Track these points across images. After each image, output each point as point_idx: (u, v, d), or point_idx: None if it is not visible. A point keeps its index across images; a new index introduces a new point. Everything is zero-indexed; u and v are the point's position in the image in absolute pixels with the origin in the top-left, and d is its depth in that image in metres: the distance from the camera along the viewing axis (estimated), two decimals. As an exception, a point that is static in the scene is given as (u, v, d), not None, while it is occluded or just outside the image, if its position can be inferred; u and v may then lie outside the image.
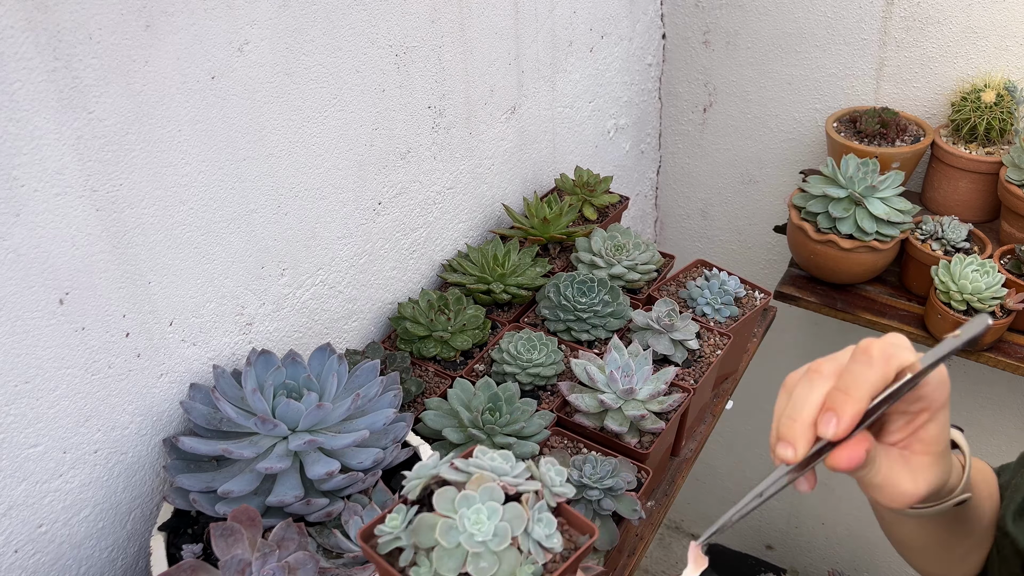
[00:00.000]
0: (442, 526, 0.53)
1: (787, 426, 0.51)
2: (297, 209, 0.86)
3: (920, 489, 0.54)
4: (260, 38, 0.76)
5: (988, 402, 1.72)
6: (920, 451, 0.55)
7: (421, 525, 0.54)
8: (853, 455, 0.50)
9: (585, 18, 1.32)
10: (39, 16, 0.58)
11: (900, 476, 0.54)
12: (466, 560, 0.52)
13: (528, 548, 0.53)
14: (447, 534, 0.52)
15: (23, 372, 0.64)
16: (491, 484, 0.54)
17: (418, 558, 0.53)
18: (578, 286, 1.03)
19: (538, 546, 0.53)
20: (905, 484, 0.54)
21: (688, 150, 1.79)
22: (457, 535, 0.52)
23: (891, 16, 1.44)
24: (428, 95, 1.00)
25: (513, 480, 0.55)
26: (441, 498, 0.54)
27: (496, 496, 0.54)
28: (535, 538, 0.53)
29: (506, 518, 0.53)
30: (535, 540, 0.53)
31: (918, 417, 0.55)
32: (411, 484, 0.56)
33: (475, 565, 0.52)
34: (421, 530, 0.53)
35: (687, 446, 1.05)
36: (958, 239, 1.31)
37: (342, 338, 0.99)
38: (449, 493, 0.54)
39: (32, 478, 0.68)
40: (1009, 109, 1.34)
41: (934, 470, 0.55)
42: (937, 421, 0.55)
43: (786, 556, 2.28)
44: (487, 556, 0.52)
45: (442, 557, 0.52)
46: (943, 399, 0.55)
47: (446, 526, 0.53)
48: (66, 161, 0.62)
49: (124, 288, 0.70)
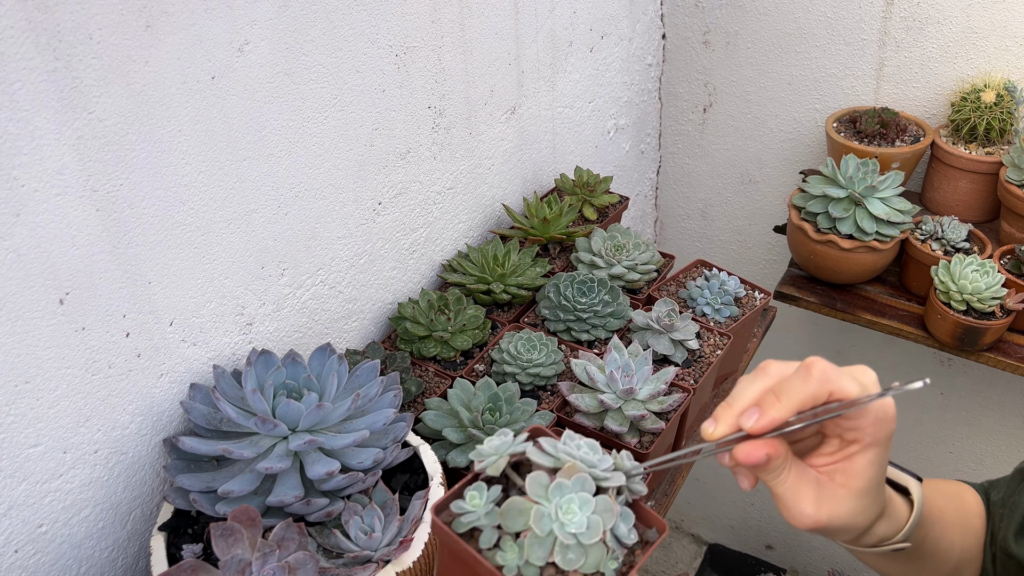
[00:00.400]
0: (536, 512, 0.50)
1: (721, 407, 0.55)
2: (297, 209, 0.86)
3: (820, 516, 0.54)
4: (260, 38, 0.76)
5: (988, 402, 1.72)
6: (839, 482, 0.55)
7: (511, 509, 0.51)
8: (753, 452, 0.53)
9: (585, 18, 1.32)
10: (39, 16, 0.58)
11: (804, 496, 0.54)
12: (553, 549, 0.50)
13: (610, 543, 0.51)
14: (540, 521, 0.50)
15: (23, 372, 0.64)
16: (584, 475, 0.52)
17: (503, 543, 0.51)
18: (578, 286, 1.03)
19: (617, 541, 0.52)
20: (806, 506, 0.54)
21: (688, 150, 1.79)
22: (550, 523, 0.50)
23: (891, 16, 1.44)
24: (428, 95, 1.00)
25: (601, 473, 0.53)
26: (534, 483, 0.51)
27: (588, 487, 0.52)
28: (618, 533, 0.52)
29: (598, 511, 0.51)
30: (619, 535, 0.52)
31: (848, 447, 0.55)
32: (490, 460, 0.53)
33: (563, 556, 0.50)
34: (510, 514, 0.51)
35: (687, 446, 1.05)
36: (958, 239, 1.31)
37: (342, 338, 0.99)
38: (542, 479, 0.52)
39: (32, 478, 0.68)
40: (1009, 109, 1.34)
41: (846, 504, 0.55)
42: (866, 456, 0.54)
43: (786, 556, 2.28)
44: (575, 548, 0.50)
45: (533, 545, 0.50)
46: (880, 437, 0.54)
47: (539, 513, 0.50)
48: (66, 161, 0.62)
49: (124, 288, 0.70)
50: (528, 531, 0.51)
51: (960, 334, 1.25)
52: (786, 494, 0.54)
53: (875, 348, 1.77)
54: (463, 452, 0.85)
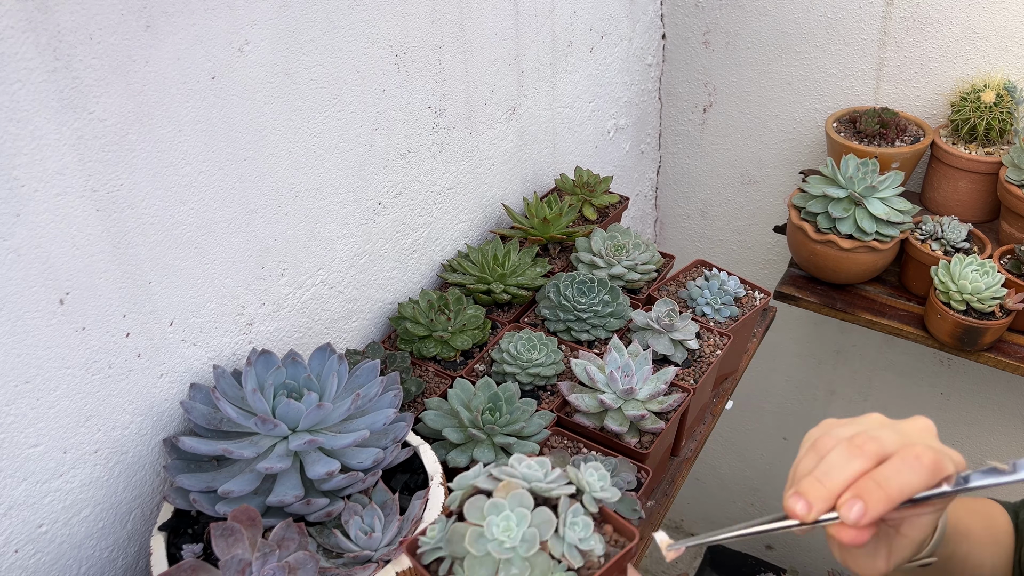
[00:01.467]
0: (471, 534, 0.53)
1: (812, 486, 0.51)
2: (297, 209, 0.86)
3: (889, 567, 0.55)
4: (260, 38, 0.76)
5: (988, 402, 1.72)
6: (904, 532, 0.55)
7: (453, 534, 0.54)
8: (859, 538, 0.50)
9: (585, 18, 1.32)
10: (39, 16, 0.58)
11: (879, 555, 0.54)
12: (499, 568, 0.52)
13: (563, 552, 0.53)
14: (476, 542, 0.53)
15: (23, 372, 0.65)
16: (519, 491, 0.54)
17: (455, 567, 0.54)
18: (578, 286, 1.03)
19: (574, 550, 0.53)
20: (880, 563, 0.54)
21: (688, 150, 1.79)
22: (486, 543, 0.53)
23: (891, 16, 1.44)
24: (428, 95, 1.00)
25: (545, 485, 0.55)
26: (471, 507, 0.54)
27: (525, 502, 0.54)
28: (569, 542, 0.53)
29: (534, 523, 0.53)
30: (569, 544, 0.53)
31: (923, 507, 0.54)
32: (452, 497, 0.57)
33: (507, 572, 0.52)
34: (454, 539, 0.54)
35: (687, 446, 1.05)
36: (958, 239, 1.31)
37: (342, 338, 0.99)
38: (479, 502, 0.55)
39: (32, 478, 0.68)
40: (1009, 109, 1.34)
41: (907, 552, 0.55)
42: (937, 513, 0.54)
43: (786, 556, 2.28)
44: (518, 562, 0.52)
45: (473, 565, 0.53)
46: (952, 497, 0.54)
47: (475, 534, 0.53)
48: (66, 161, 0.62)
49: (124, 288, 0.70)
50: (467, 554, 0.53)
51: (960, 334, 1.25)
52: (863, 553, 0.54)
53: (875, 348, 1.78)
54: (463, 452, 0.85)
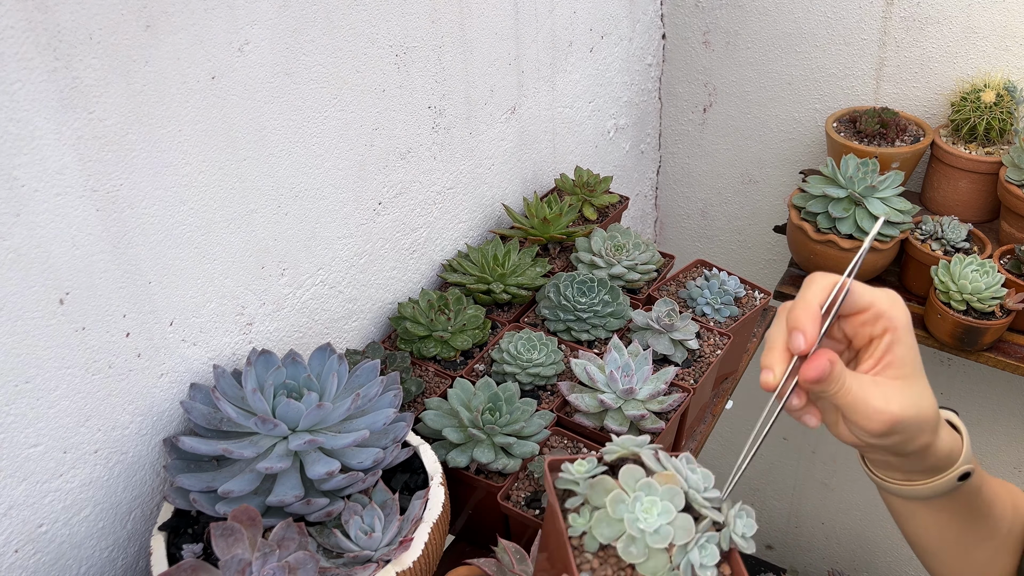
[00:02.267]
0: (615, 496, 0.54)
1: (765, 355, 0.58)
2: (297, 209, 0.86)
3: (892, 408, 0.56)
4: (260, 38, 0.76)
5: (988, 402, 1.72)
6: (892, 375, 0.58)
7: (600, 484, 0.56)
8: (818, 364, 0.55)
9: (585, 18, 1.32)
10: (39, 16, 0.58)
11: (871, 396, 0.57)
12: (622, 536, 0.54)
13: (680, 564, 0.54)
14: (616, 505, 0.54)
15: (23, 372, 0.64)
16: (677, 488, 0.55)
17: (583, 509, 0.56)
18: (578, 286, 1.03)
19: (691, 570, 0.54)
20: (876, 401, 0.56)
21: (688, 150, 1.79)
22: (624, 510, 0.54)
23: (891, 16, 1.44)
24: (428, 95, 1.00)
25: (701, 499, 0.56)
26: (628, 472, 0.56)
27: (677, 501, 0.55)
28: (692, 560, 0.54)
29: (675, 524, 0.54)
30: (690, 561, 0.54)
31: (882, 339, 0.58)
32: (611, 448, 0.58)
33: (625, 546, 0.53)
34: (597, 488, 0.55)
35: (687, 446, 1.05)
36: (958, 239, 1.31)
37: (342, 338, 0.99)
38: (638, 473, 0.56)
39: (32, 478, 0.68)
40: (1009, 109, 1.34)
41: (907, 392, 0.58)
42: (903, 343, 0.58)
43: (786, 556, 2.28)
44: (639, 544, 0.53)
45: (601, 521, 0.54)
46: (902, 317, 0.58)
47: (618, 497, 0.54)
48: (66, 161, 0.62)
49: (124, 288, 0.70)
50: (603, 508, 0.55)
51: (960, 334, 1.25)
52: (855, 400, 0.57)
53: (875, 348, 1.77)
54: (463, 452, 0.85)
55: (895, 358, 0.58)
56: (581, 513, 0.56)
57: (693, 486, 0.56)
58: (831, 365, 0.55)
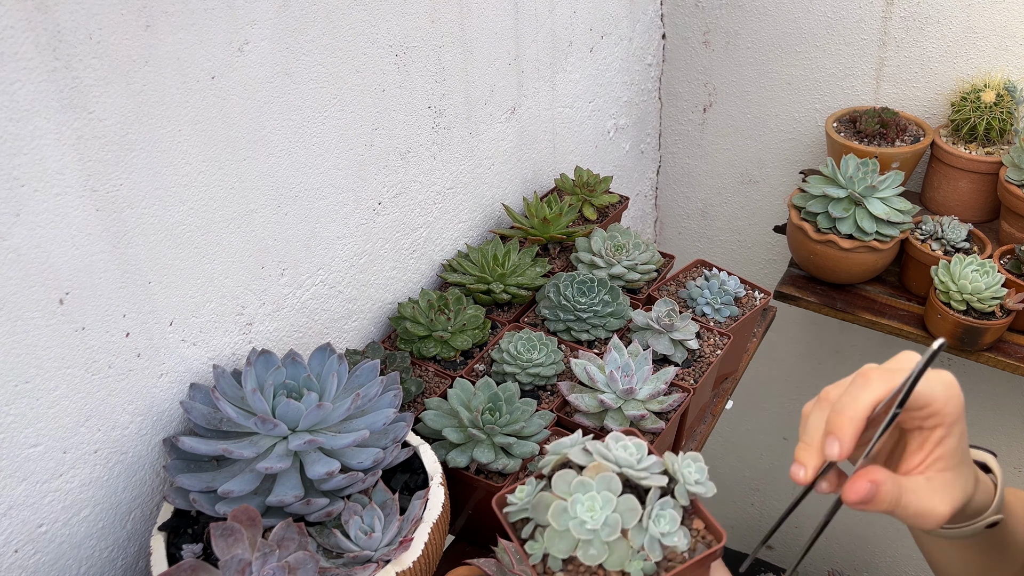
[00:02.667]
0: (555, 508, 0.53)
1: (800, 450, 0.56)
2: (297, 209, 0.86)
3: (947, 507, 0.55)
4: (260, 38, 0.76)
5: (988, 402, 1.72)
6: (941, 468, 0.56)
7: (539, 503, 0.54)
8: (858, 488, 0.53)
9: (585, 18, 1.32)
10: (39, 16, 0.58)
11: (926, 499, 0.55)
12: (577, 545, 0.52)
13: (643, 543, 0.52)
14: (559, 516, 0.53)
15: (23, 372, 0.64)
16: (609, 474, 0.54)
17: (536, 533, 0.55)
18: (578, 286, 1.03)
19: (655, 543, 0.52)
20: (939, 506, 0.55)
21: (688, 150, 1.79)
22: (568, 519, 0.53)
23: (891, 16, 1.44)
24: (428, 95, 1.00)
25: (636, 472, 0.54)
26: (560, 480, 0.54)
27: (613, 487, 0.53)
28: (652, 534, 0.52)
29: (619, 509, 0.53)
30: (652, 536, 0.52)
31: (933, 433, 0.56)
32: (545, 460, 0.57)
33: (584, 551, 0.52)
34: (539, 507, 0.54)
35: (687, 446, 1.05)
36: (958, 239, 1.31)
37: (342, 338, 0.99)
38: (568, 476, 0.54)
39: (32, 478, 0.68)
40: (1009, 109, 1.34)
41: (958, 484, 0.56)
42: (953, 435, 0.56)
43: (786, 556, 2.28)
44: (597, 544, 0.52)
45: (552, 538, 0.53)
46: (956, 411, 0.55)
47: (559, 508, 0.53)
48: (66, 161, 0.62)
49: (124, 288, 0.70)
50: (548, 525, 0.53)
51: (960, 334, 1.25)
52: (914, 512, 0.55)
53: (875, 348, 1.77)
54: (463, 452, 0.85)
55: (946, 452, 0.56)
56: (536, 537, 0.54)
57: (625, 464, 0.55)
58: (874, 487, 0.53)
